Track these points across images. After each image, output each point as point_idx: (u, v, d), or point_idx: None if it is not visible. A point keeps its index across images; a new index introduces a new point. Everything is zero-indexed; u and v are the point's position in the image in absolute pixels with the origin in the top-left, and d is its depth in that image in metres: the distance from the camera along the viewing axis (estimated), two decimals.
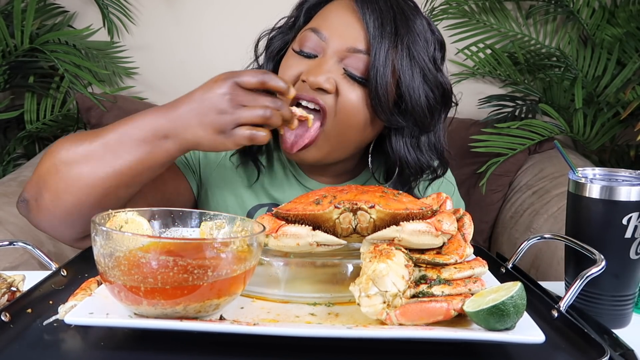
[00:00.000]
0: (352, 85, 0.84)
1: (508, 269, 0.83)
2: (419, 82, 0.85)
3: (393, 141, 0.90)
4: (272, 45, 0.94)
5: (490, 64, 2.05)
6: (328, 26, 0.85)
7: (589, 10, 2.03)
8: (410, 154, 0.90)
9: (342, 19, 0.85)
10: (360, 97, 0.84)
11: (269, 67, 0.93)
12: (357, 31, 0.84)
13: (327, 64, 0.84)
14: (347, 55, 0.84)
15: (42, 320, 0.63)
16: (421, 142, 0.91)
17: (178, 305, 0.57)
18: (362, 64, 0.83)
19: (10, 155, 1.99)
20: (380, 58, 0.82)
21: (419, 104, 0.85)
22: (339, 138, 0.87)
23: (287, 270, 0.69)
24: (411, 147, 0.90)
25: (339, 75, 0.84)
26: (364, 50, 0.83)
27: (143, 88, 2.13)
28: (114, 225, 0.64)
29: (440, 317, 0.58)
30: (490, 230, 1.87)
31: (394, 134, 0.89)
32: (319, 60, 0.85)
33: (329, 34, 0.84)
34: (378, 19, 0.83)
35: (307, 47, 0.86)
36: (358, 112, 0.85)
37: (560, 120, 1.84)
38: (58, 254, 1.37)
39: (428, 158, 0.92)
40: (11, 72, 1.89)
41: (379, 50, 0.82)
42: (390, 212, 0.67)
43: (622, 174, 0.77)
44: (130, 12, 2.06)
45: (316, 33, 0.85)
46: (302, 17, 0.92)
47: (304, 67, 0.85)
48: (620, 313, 0.73)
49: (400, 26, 0.83)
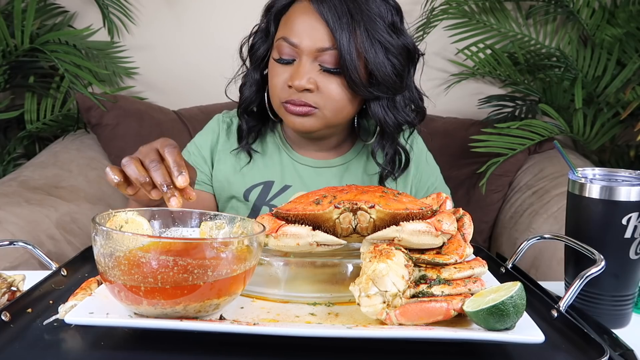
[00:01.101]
0: (329, 77, 0.97)
1: (508, 269, 0.83)
2: (382, 56, 0.96)
3: (372, 108, 1.02)
4: (256, 54, 1.06)
5: (490, 64, 2.05)
6: (295, 33, 0.96)
7: (589, 10, 2.02)
8: (388, 115, 1.03)
9: (306, 23, 0.96)
10: (339, 85, 0.98)
11: (256, 76, 1.07)
12: (321, 31, 0.95)
13: (305, 67, 0.96)
14: (318, 54, 0.96)
15: (42, 320, 0.63)
16: (397, 102, 1.03)
17: (178, 305, 0.57)
18: (333, 57, 0.96)
19: (10, 155, 1.99)
20: (345, 48, 0.94)
21: (388, 74, 0.97)
22: (333, 117, 1.01)
23: (287, 270, 0.69)
24: (388, 109, 1.03)
25: (317, 73, 0.97)
26: (331, 46, 0.95)
27: (143, 88, 2.13)
28: (114, 225, 0.64)
29: (440, 317, 0.58)
30: (490, 230, 1.87)
31: (372, 102, 1.02)
32: (297, 64, 0.97)
33: (298, 40, 0.96)
34: (335, 14, 0.94)
35: (284, 55, 0.98)
36: (340, 97, 0.99)
37: (560, 120, 1.83)
38: (58, 254, 1.37)
39: (405, 115, 1.05)
40: (11, 72, 1.89)
41: (342, 41, 0.94)
42: (390, 212, 0.67)
43: (622, 174, 0.77)
44: (130, 12, 2.06)
45: (287, 41, 0.97)
46: (273, 23, 1.03)
47: (287, 73, 0.98)
48: (620, 313, 0.74)
49: (355, 13, 0.94)
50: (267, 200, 1.10)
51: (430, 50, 2.10)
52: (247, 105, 1.09)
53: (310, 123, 1.00)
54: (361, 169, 1.14)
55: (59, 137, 1.92)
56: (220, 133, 1.15)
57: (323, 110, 0.99)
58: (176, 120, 1.91)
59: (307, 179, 1.12)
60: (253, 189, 1.11)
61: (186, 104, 2.01)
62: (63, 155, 1.78)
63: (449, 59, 2.13)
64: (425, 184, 1.18)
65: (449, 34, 2.07)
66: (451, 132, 1.93)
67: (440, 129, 1.93)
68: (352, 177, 1.13)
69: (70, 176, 1.68)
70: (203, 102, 2.01)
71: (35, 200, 1.47)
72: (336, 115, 1.01)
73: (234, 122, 1.16)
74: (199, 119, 1.91)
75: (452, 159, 1.88)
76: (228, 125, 1.16)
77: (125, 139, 1.80)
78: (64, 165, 1.72)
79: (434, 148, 1.30)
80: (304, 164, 1.12)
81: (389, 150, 1.07)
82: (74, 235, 1.47)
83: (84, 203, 1.59)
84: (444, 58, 2.14)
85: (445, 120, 1.99)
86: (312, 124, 1.00)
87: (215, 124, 1.17)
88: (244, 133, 1.11)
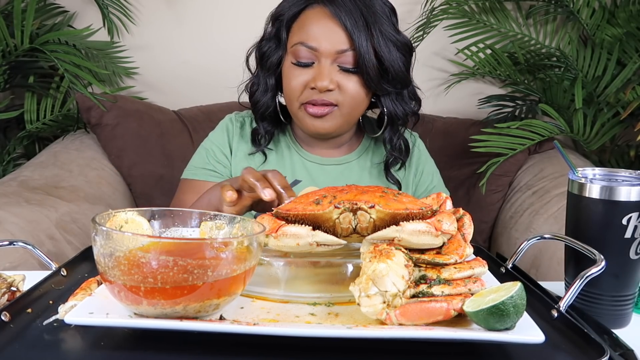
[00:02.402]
0: (348, 76, 1.04)
1: (508, 269, 0.83)
2: (395, 54, 1.04)
3: (383, 102, 1.10)
4: (269, 61, 1.10)
5: (490, 64, 2.05)
6: (314, 38, 1.02)
7: (589, 10, 2.02)
8: (397, 107, 1.10)
9: (324, 28, 1.02)
10: (357, 83, 1.04)
11: (271, 82, 1.11)
12: (339, 34, 1.01)
13: (326, 69, 1.02)
14: (337, 56, 1.02)
15: (42, 320, 0.63)
16: (404, 95, 1.11)
17: (178, 305, 0.57)
18: (351, 58, 1.02)
19: (10, 155, 1.99)
20: (363, 49, 1.00)
21: (400, 69, 1.05)
22: (350, 114, 1.08)
23: (287, 270, 0.69)
24: (397, 102, 1.10)
25: (336, 73, 1.03)
26: (349, 48, 1.01)
27: (143, 88, 2.13)
28: (114, 225, 0.64)
29: (440, 317, 0.58)
30: (490, 230, 1.87)
31: (383, 96, 1.09)
32: (317, 67, 1.03)
33: (317, 44, 1.02)
34: (351, 18, 1.00)
35: (303, 58, 1.04)
36: (359, 94, 1.05)
37: (560, 120, 1.83)
38: (58, 254, 1.37)
39: (411, 105, 1.13)
40: (11, 72, 1.89)
41: (360, 43, 1.00)
42: (390, 212, 0.67)
43: (622, 174, 0.77)
44: (130, 12, 2.06)
45: (306, 46, 1.02)
46: (284, 30, 1.07)
47: (306, 75, 1.04)
48: (620, 313, 0.73)
49: (367, 15, 1.01)
50: None
51: (430, 50, 2.10)
52: (264, 111, 1.13)
53: (329, 124, 1.06)
54: (369, 162, 1.18)
55: (59, 137, 1.92)
56: (234, 131, 1.18)
57: (342, 107, 1.05)
58: (176, 120, 1.91)
59: (315, 176, 1.15)
60: None
61: (186, 104, 2.01)
62: (63, 155, 1.78)
63: (449, 59, 2.13)
64: (424, 184, 1.21)
65: (449, 34, 2.07)
66: (451, 132, 1.93)
67: (440, 129, 1.93)
68: (360, 173, 1.17)
69: (70, 176, 1.67)
70: (203, 102, 2.01)
71: (35, 200, 1.47)
72: (353, 111, 1.07)
73: (246, 122, 1.20)
74: (199, 119, 1.91)
75: (452, 159, 1.87)
76: (241, 124, 1.20)
77: (125, 139, 1.80)
78: (64, 165, 1.72)
79: (434, 148, 1.31)
80: (312, 162, 1.16)
81: (398, 141, 1.15)
82: (74, 235, 1.47)
83: (83, 203, 1.59)
84: (444, 58, 2.14)
85: (445, 120, 1.99)
86: (331, 124, 1.06)
87: (229, 123, 1.20)
88: (260, 137, 1.15)
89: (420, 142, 1.26)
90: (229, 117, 1.21)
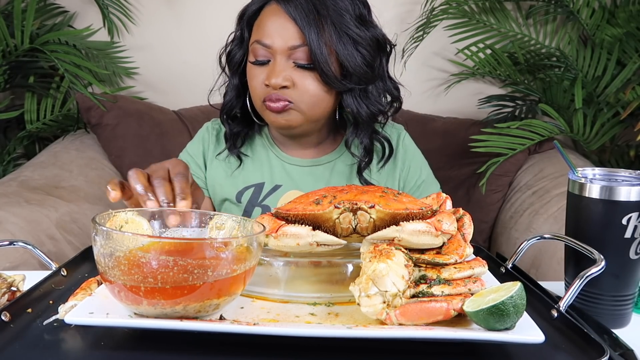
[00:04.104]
0: (303, 73, 1.01)
1: (508, 269, 0.83)
2: (351, 49, 1.00)
3: (345, 99, 1.05)
4: (233, 60, 1.10)
5: (490, 64, 2.05)
6: (268, 35, 1.01)
7: (589, 10, 2.02)
8: (361, 106, 1.05)
9: (276, 24, 1.00)
10: (313, 80, 1.01)
11: (235, 81, 1.11)
12: (291, 30, 0.99)
13: (279, 66, 1.00)
14: (291, 52, 1.00)
15: (42, 320, 0.63)
16: (369, 93, 1.06)
17: (178, 305, 0.57)
18: (305, 53, 0.99)
19: (10, 155, 1.99)
20: (315, 43, 0.98)
21: (358, 65, 1.01)
22: (311, 110, 1.04)
23: (287, 270, 0.69)
24: (361, 99, 1.05)
25: (291, 70, 1.01)
26: (301, 43, 0.99)
27: (143, 88, 2.13)
28: (114, 225, 0.64)
29: (440, 317, 0.58)
30: (490, 230, 1.87)
31: (345, 93, 1.05)
32: (272, 64, 1.01)
33: (271, 41, 1.00)
34: (302, 12, 0.98)
35: (259, 56, 1.02)
36: (315, 91, 1.02)
37: (560, 120, 1.83)
38: (58, 254, 1.37)
39: (378, 105, 1.08)
40: (11, 72, 1.89)
41: (311, 38, 0.98)
42: (390, 212, 0.67)
43: (622, 174, 0.77)
44: (130, 12, 2.06)
45: (261, 44, 1.01)
46: (246, 29, 1.07)
47: (264, 74, 1.02)
48: (620, 313, 0.73)
49: (321, 9, 0.99)
50: (259, 201, 1.13)
51: (430, 50, 2.10)
52: (228, 110, 1.13)
53: (289, 117, 1.03)
54: (349, 164, 1.15)
55: (59, 137, 1.92)
56: (210, 140, 1.19)
57: (299, 104, 1.02)
58: (176, 120, 1.91)
59: (296, 178, 1.14)
60: (245, 191, 1.14)
61: (186, 104, 2.01)
62: (63, 155, 1.78)
63: (449, 59, 2.13)
64: (413, 178, 1.18)
65: (449, 34, 2.07)
66: (451, 132, 1.93)
67: (440, 129, 1.93)
68: (340, 175, 1.15)
69: (70, 176, 1.68)
70: (203, 102, 2.01)
71: (35, 200, 1.47)
72: (313, 109, 1.04)
73: (222, 128, 1.19)
74: (198, 119, 1.91)
75: (452, 159, 1.88)
76: (217, 132, 1.20)
77: (125, 139, 1.81)
78: (64, 165, 1.72)
79: (434, 148, 1.31)
80: (292, 164, 1.15)
81: (365, 141, 1.10)
82: (74, 235, 1.47)
83: (84, 203, 1.59)
84: (444, 58, 2.14)
85: (445, 120, 1.99)
86: (291, 118, 1.04)
87: (205, 132, 1.21)
88: (230, 138, 1.15)
89: (405, 135, 1.22)
90: (206, 126, 1.22)
